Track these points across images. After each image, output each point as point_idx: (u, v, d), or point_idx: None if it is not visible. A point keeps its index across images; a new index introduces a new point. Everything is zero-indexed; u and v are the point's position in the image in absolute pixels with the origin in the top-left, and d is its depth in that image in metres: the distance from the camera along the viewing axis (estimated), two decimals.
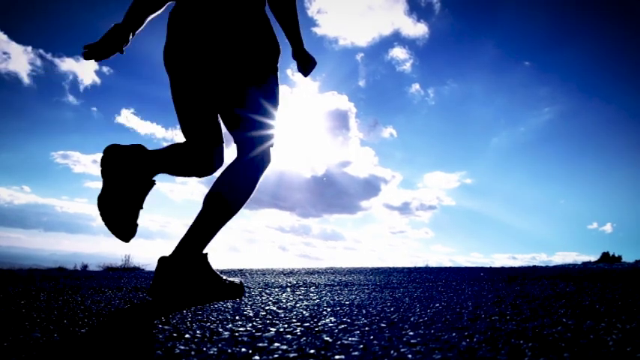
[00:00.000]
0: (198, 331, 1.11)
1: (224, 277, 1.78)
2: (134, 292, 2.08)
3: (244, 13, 1.62)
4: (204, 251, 1.72)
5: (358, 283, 2.46)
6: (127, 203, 1.61)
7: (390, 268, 4.36)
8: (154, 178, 1.70)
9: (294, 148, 2.97)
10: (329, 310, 1.44)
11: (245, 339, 1.02)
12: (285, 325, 1.17)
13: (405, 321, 1.22)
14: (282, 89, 1.87)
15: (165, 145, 1.76)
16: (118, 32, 1.60)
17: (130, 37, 1.64)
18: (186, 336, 1.06)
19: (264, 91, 1.70)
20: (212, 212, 1.68)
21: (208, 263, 1.71)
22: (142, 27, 1.69)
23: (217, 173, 1.84)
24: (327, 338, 1.01)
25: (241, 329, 1.13)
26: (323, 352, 0.89)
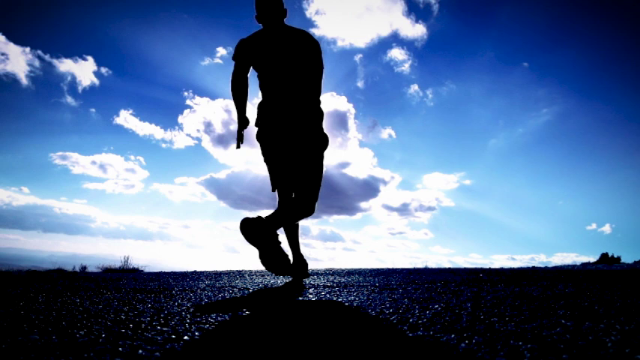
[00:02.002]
0: (197, 333, 1.11)
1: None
2: (133, 293, 2.08)
3: (307, 108, 2.49)
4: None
5: (357, 284, 2.46)
6: (276, 254, 2.28)
7: (389, 269, 4.36)
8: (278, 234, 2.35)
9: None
10: (328, 311, 1.44)
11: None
12: (285, 327, 1.17)
13: (404, 322, 1.22)
14: None
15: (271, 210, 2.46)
16: (241, 123, 2.66)
17: (247, 121, 2.68)
18: (185, 338, 1.05)
19: (316, 167, 2.54)
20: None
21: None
22: (246, 110, 2.69)
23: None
24: (327, 340, 1.01)
25: (241, 330, 1.13)
26: (322, 354, 0.89)
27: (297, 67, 2.49)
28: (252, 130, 2.69)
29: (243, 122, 2.67)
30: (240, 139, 2.68)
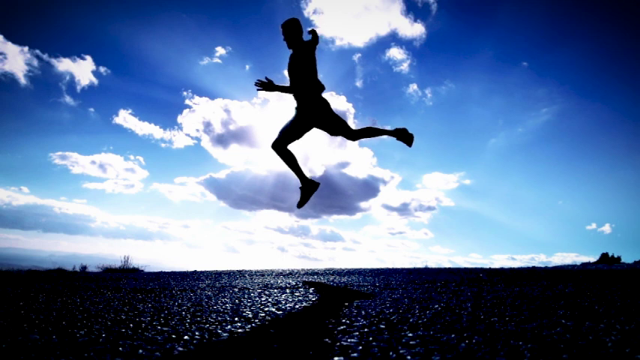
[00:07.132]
0: (197, 333, 1.11)
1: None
2: (133, 293, 2.08)
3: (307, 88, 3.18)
4: None
5: (357, 284, 2.46)
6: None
7: (389, 269, 4.36)
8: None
9: (293, 149, 3.08)
10: (328, 311, 1.44)
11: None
12: (285, 327, 1.17)
13: (404, 322, 1.22)
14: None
15: None
16: (272, 86, 3.22)
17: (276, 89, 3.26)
18: (185, 337, 1.06)
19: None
20: None
21: None
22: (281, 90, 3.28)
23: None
24: (327, 340, 1.01)
25: (240, 331, 1.13)
26: (322, 354, 0.89)
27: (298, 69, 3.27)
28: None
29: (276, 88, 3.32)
30: (265, 87, 3.14)
